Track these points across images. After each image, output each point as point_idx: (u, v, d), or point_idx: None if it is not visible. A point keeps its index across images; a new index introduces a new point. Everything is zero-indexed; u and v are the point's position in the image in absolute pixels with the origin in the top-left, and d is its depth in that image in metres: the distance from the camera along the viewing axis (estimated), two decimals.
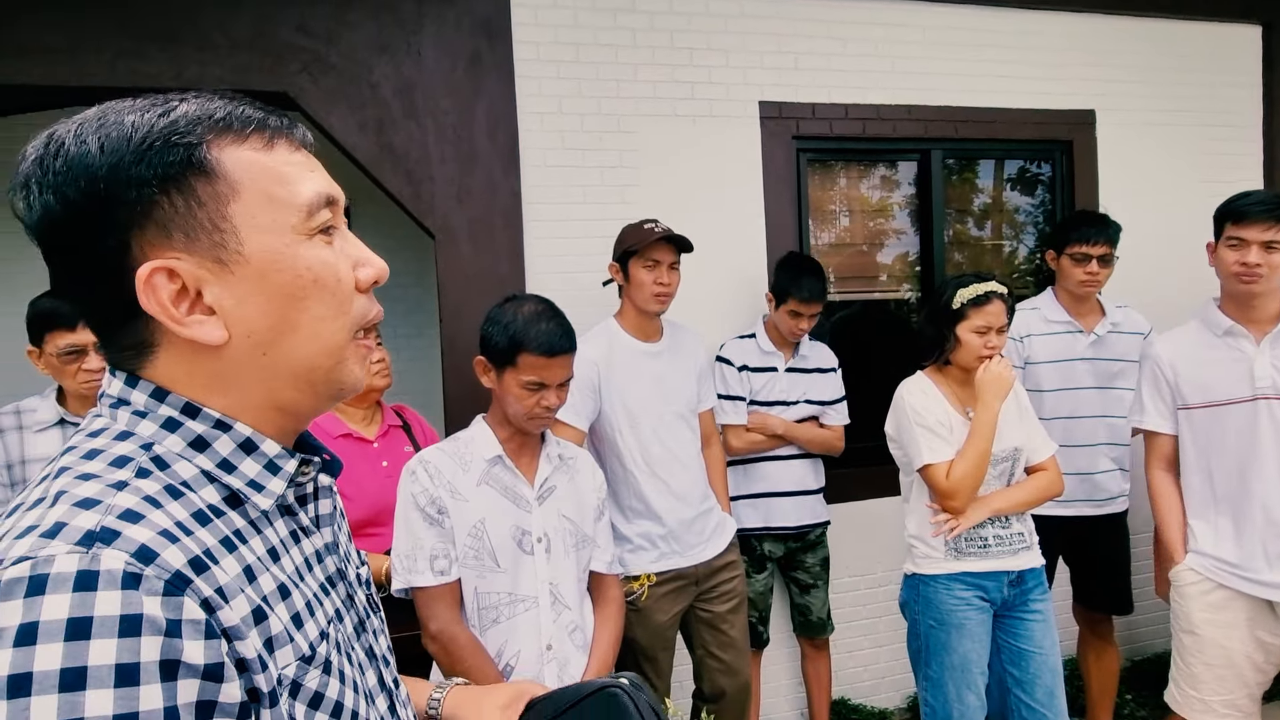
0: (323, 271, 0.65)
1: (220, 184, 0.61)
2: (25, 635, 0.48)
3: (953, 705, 2.13)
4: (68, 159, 0.58)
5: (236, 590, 0.58)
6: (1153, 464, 2.27)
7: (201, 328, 0.61)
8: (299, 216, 0.64)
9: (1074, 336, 2.76)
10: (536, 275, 2.74)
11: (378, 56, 2.56)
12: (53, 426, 1.99)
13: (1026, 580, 2.19)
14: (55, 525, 0.53)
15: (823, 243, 3.27)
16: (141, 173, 0.59)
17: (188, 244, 0.60)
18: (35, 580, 0.49)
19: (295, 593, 0.65)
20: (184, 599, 0.53)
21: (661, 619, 2.34)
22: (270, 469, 0.65)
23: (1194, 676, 2.13)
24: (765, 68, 3.00)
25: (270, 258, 0.62)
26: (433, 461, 1.71)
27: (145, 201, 0.59)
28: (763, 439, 2.71)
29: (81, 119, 0.61)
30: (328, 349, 0.66)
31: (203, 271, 0.60)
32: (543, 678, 1.70)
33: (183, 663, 0.51)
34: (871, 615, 3.19)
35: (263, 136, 0.64)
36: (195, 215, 0.60)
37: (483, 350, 1.74)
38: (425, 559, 1.66)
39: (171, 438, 0.62)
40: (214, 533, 0.60)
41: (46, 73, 2.29)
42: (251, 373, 0.64)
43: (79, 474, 0.57)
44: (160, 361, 0.63)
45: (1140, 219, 3.32)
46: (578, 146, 2.81)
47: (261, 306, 0.62)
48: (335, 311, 0.66)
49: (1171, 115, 3.48)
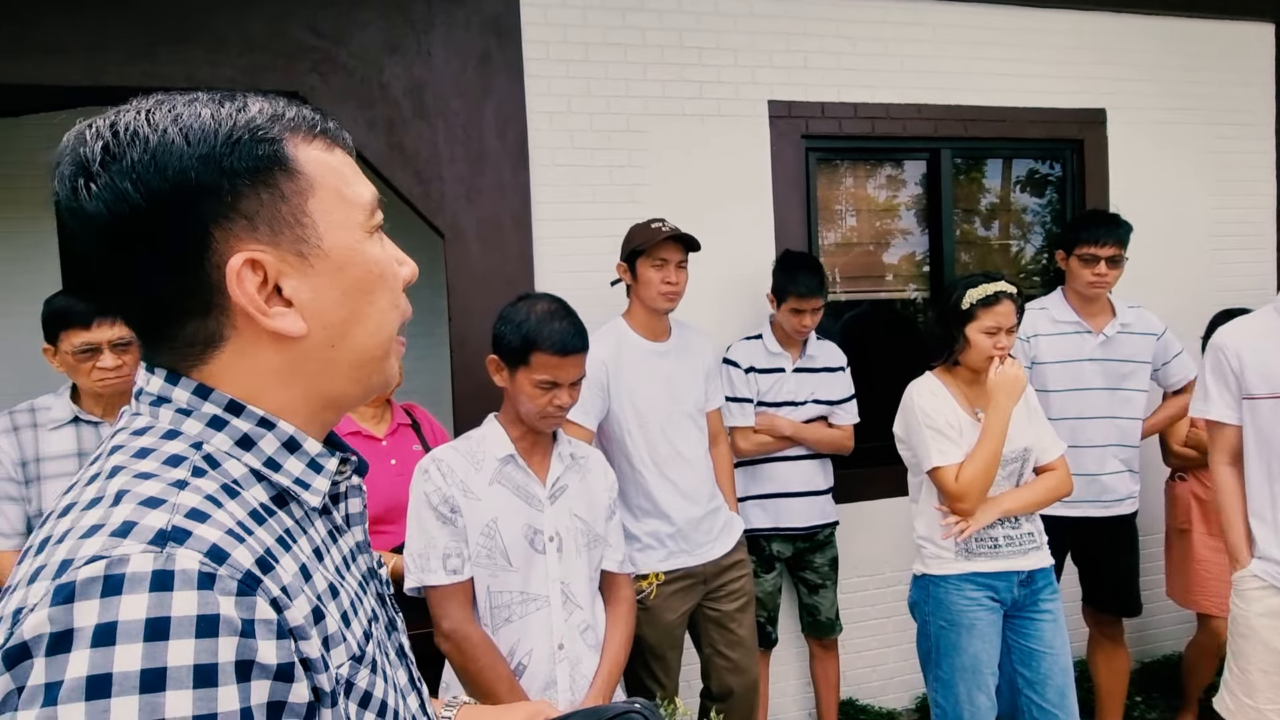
0: (385, 267, 0.68)
1: (301, 180, 0.62)
2: (103, 635, 0.47)
3: (963, 706, 2.12)
4: (149, 147, 0.57)
5: (298, 590, 0.59)
6: (1218, 458, 2.16)
7: (284, 319, 0.61)
8: (364, 215, 0.66)
9: (1082, 337, 2.74)
10: (545, 274, 2.74)
11: (388, 56, 2.57)
12: (67, 424, 2.00)
13: (1037, 580, 2.19)
14: (125, 524, 0.52)
15: (831, 242, 3.26)
16: (234, 164, 0.59)
17: (272, 237, 0.61)
18: (111, 580, 0.49)
19: (342, 592, 0.65)
20: (256, 599, 0.53)
21: (670, 618, 2.34)
22: (313, 467, 0.66)
23: (1250, 684, 2.05)
24: (774, 66, 3.00)
25: (346, 252, 0.64)
26: (445, 460, 1.71)
27: (236, 193, 0.59)
28: (771, 440, 2.70)
29: (145, 108, 0.60)
30: (383, 341, 0.68)
31: (284, 265, 0.61)
32: (554, 677, 1.70)
33: (256, 663, 0.52)
34: (880, 615, 3.18)
35: (326, 139, 0.66)
36: (279, 209, 0.61)
37: (495, 349, 1.74)
38: (438, 558, 1.66)
39: (219, 436, 0.62)
40: (270, 532, 0.60)
41: (59, 73, 2.31)
42: (317, 365, 0.65)
43: (136, 473, 0.57)
44: (224, 356, 0.62)
45: (1151, 218, 3.30)
46: (587, 146, 2.81)
47: (336, 299, 0.64)
48: (391, 305, 0.68)
49: (1182, 114, 3.46)
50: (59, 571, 0.50)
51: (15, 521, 1.97)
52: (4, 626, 0.50)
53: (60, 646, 0.47)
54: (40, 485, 1.97)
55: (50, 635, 0.47)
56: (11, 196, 3.96)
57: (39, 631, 0.47)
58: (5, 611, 0.51)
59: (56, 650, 0.47)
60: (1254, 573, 2.06)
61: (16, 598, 0.51)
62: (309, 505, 0.66)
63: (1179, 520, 2.97)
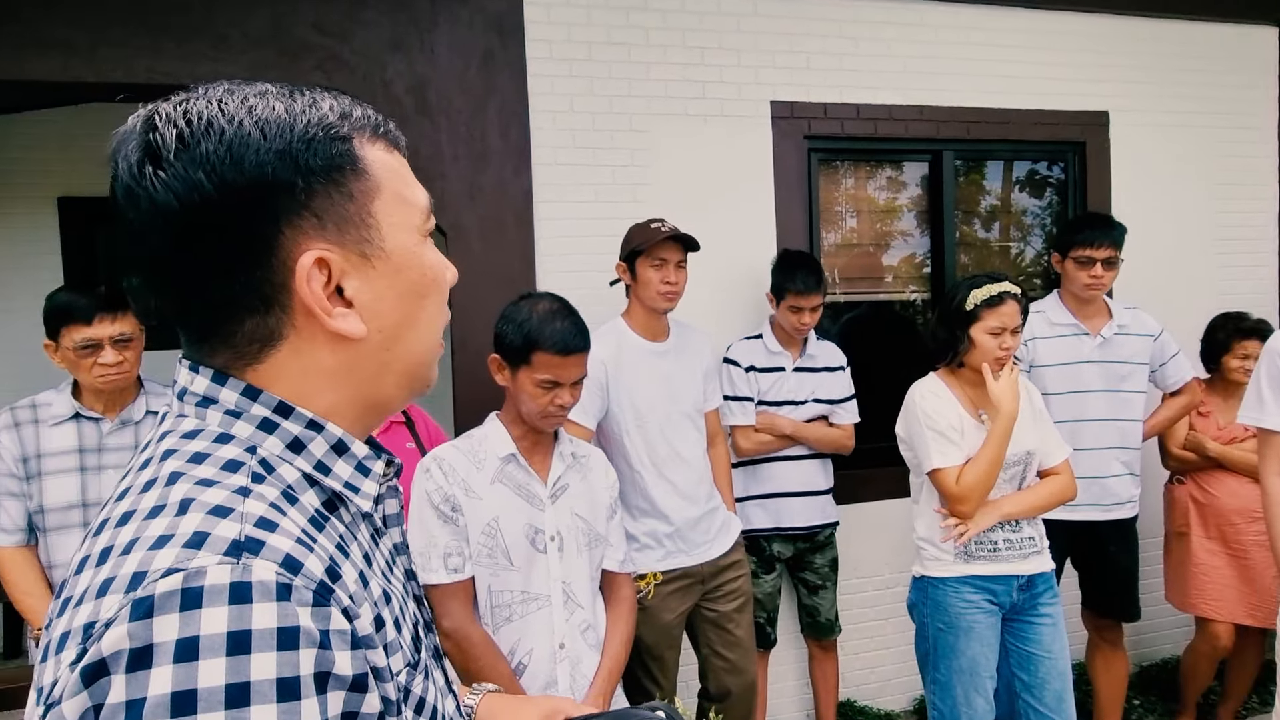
0: (438, 271, 0.68)
1: (368, 180, 0.62)
2: (186, 650, 0.46)
3: (960, 709, 2.12)
4: (224, 139, 0.56)
5: (361, 598, 0.58)
6: (1270, 467, 2.06)
7: (345, 320, 0.61)
8: (421, 218, 0.66)
9: (1079, 339, 2.74)
10: (547, 274, 2.74)
11: (391, 54, 2.56)
12: (67, 421, 2.00)
13: (1036, 584, 2.19)
14: (197, 534, 0.51)
15: (832, 243, 3.26)
16: (310, 161, 0.59)
17: (339, 236, 0.60)
18: (190, 593, 0.48)
19: (393, 597, 0.65)
20: (331, 609, 0.52)
21: (668, 618, 2.34)
22: (361, 470, 0.65)
23: None
24: (777, 67, 2.99)
25: (406, 255, 0.64)
26: (447, 459, 1.71)
27: (309, 191, 0.59)
28: (771, 440, 2.70)
29: (213, 97, 0.59)
30: (434, 344, 0.68)
31: (347, 265, 0.61)
32: (555, 676, 1.70)
33: (333, 674, 0.51)
34: (879, 617, 3.18)
35: (387, 141, 0.66)
36: (347, 209, 0.61)
37: (497, 348, 1.74)
38: (439, 557, 1.66)
39: (270, 439, 0.60)
40: (329, 539, 0.59)
41: (60, 69, 2.30)
42: (370, 368, 0.64)
43: (198, 479, 0.55)
44: (280, 356, 0.61)
45: (1153, 220, 3.30)
46: (589, 145, 2.81)
47: (394, 302, 0.63)
48: (440, 310, 0.69)
49: (1185, 117, 3.46)
50: (132, 584, 0.48)
51: (16, 517, 1.97)
52: (75, 641, 0.48)
53: (141, 663, 0.46)
54: (41, 481, 1.97)
55: (130, 651, 0.46)
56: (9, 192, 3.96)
57: (118, 648, 0.46)
58: (74, 625, 0.49)
59: (137, 667, 0.46)
60: None
61: (85, 611, 0.49)
62: (358, 509, 0.65)
63: (1177, 524, 2.97)
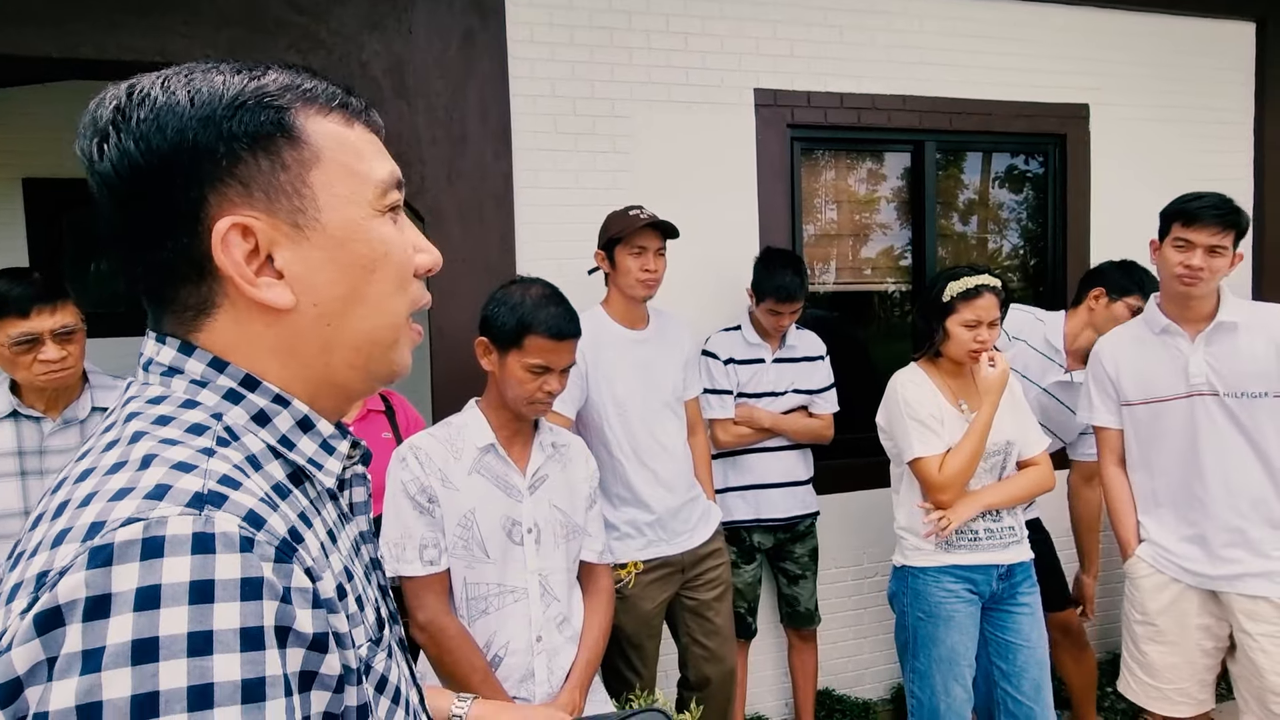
0: (393, 247, 0.66)
1: (304, 150, 0.61)
2: (147, 599, 0.46)
3: (939, 697, 2.13)
4: (154, 107, 0.58)
5: (324, 566, 0.58)
6: (1105, 459, 2.32)
7: (270, 290, 0.60)
8: (374, 192, 0.65)
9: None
10: (527, 260, 2.70)
11: (369, 34, 2.50)
12: (5, 419, 1.88)
13: (1015, 574, 2.20)
14: (160, 486, 0.51)
15: (814, 232, 3.25)
16: (233, 128, 0.59)
17: (267, 204, 0.60)
18: (151, 542, 0.47)
19: (356, 577, 0.65)
20: (293, 566, 0.52)
21: (648, 607, 2.33)
22: (325, 449, 0.65)
23: (1150, 665, 2.20)
24: (761, 54, 2.97)
25: (347, 228, 0.63)
26: (424, 448, 1.68)
27: (233, 157, 0.59)
28: (750, 432, 2.69)
29: (165, 74, 0.60)
30: (389, 324, 0.66)
31: (277, 234, 0.60)
32: (532, 669, 1.68)
33: (293, 630, 0.51)
34: (857, 607, 3.20)
35: (345, 113, 0.65)
36: (278, 177, 0.60)
37: (485, 331, 1.70)
38: (415, 548, 1.63)
39: (235, 409, 0.61)
40: (293, 507, 0.59)
41: (29, 44, 2.22)
42: (312, 344, 0.63)
43: (162, 438, 0.56)
44: (218, 325, 0.61)
45: (1132, 213, 3.32)
46: (570, 130, 2.77)
47: (332, 276, 0.62)
48: (398, 288, 0.66)
49: (1165, 110, 3.48)
50: (90, 533, 0.48)
51: None
52: (27, 591, 0.47)
53: (98, 611, 0.45)
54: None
55: (88, 599, 0.45)
56: None
57: (74, 596, 0.45)
58: (27, 576, 0.48)
59: (95, 615, 0.45)
60: (1141, 557, 2.22)
61: (39, 561, 0.48)
62: (322, 485, 0.65)
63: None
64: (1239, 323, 2.09)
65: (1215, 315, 2.11)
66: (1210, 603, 2.13)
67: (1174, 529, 2.16)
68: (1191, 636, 2.15)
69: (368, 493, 0.75)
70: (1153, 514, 2.22)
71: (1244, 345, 2.08)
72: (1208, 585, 2.11)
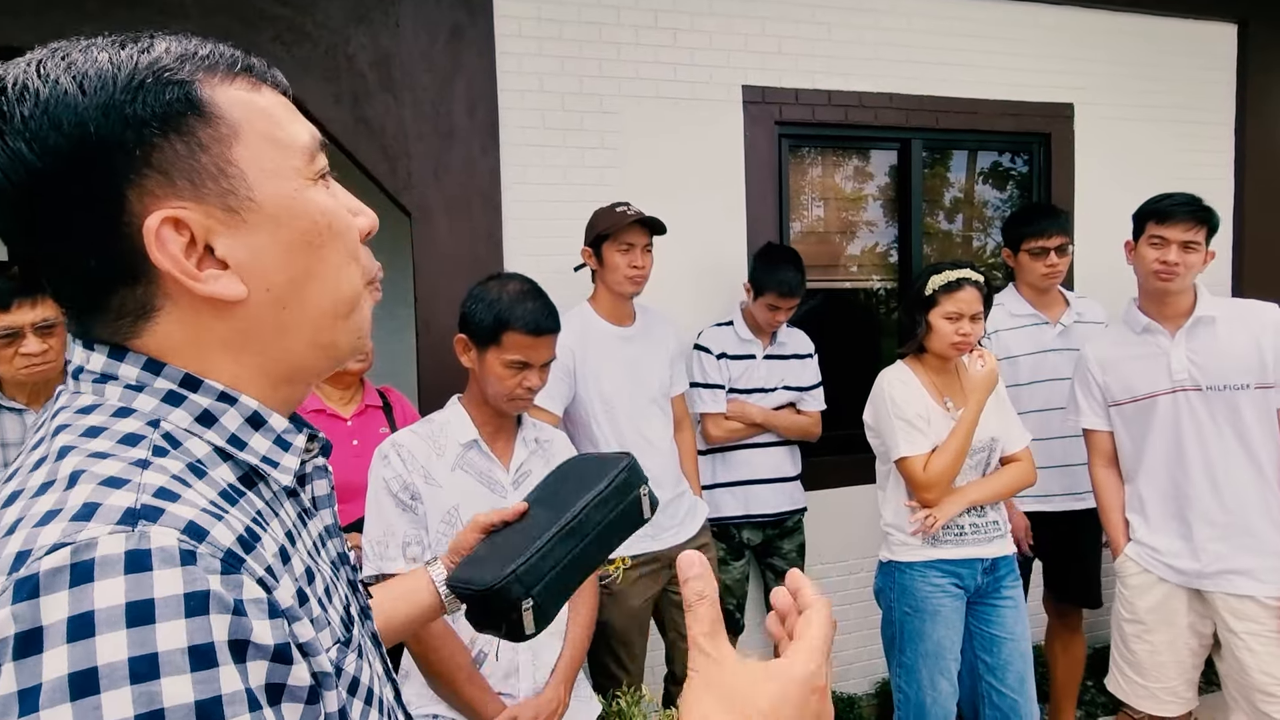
0: (334, 216, 0.61)
1: (220, 126, 0.56)
2: (80, 628, 0.42)
3: (925, 691, 2.15)
4: (39, 101, 0.51)
5: (281, 571, 0.54)
6: (1094, 461, 2.36)
7: (219, 283, 0.55)
8: (302, 160, 0.60)
9: (1040, 329, 2.78)
10: (514, 256, 2.69)
11: (354, 26, 2.48)
12: None
13: (999, 568, 2.22)
14: (87, 505, 0.47)
15: (802, 229, 3.26)
16: (138, 112, 0.52)
17: (194, 192, 0.54)
18: (79, 568, 0.43)
19: (318, 576, 0.61)
20: (242, 576, 0.48)
21: (636, 603, 2.33)
22: (280, 445, 0.60)
23: (1138, 664, 2.22)
24: (749, 51, 2.97)
25: (284, 203, 0.58)
26: (406, 445, 1.67)
27: (145, 145, 0.53)
28: (741, 427, 2.70)
29: (32, 59, 0.53)
30: (346, 297, 0.62)
31: (212, 221, 0.55)
32: (516, 665, 1.68)
33: (252, 643, 0.47)
34: (842, 603, 3.21)
35: (249, 77, 0.59)
36: (199, 160, 0.54)
37: (463, 328, 1.70)
38: (397, 545, 1.62)
39: (176, 412, 0.56)
40: (244, 513, 0.55)
41: (9, 34, 2.19)
42: (268, 332, 0.59)
43: (90, 452, 0.51)
44: (160, 327, 0.56)
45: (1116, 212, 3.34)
46: (558, 126, 2.76)
47: (279, 257, 0.58)
48: (348, 257, 0.62)
49: (1148, 110, 3.51)
50: (15, 565, 0.44)
51: None
52: None
53: (30, 647, 0.42)
54: None
55: (17, 636, 0.42)
56: None
57: (3, 634, 0.42)
58: None
59: (26, 652, 0.42)
60: (1130, 556, 2.24)
61: None
62: (278, 485, 0.61)
63: None
64: (1217, 317, 2.12)
65: (1193, 311, 2.14)
66: (1196, 601, 2.15)
67: (1161, 526, 2.18)
68: (1180, 636, 2.16)
69: (330, 485, 0.71)
70: (1141, 512, 2.24)
71: (1224, 339, 2.11)
72: (1194, 584, 2.13)
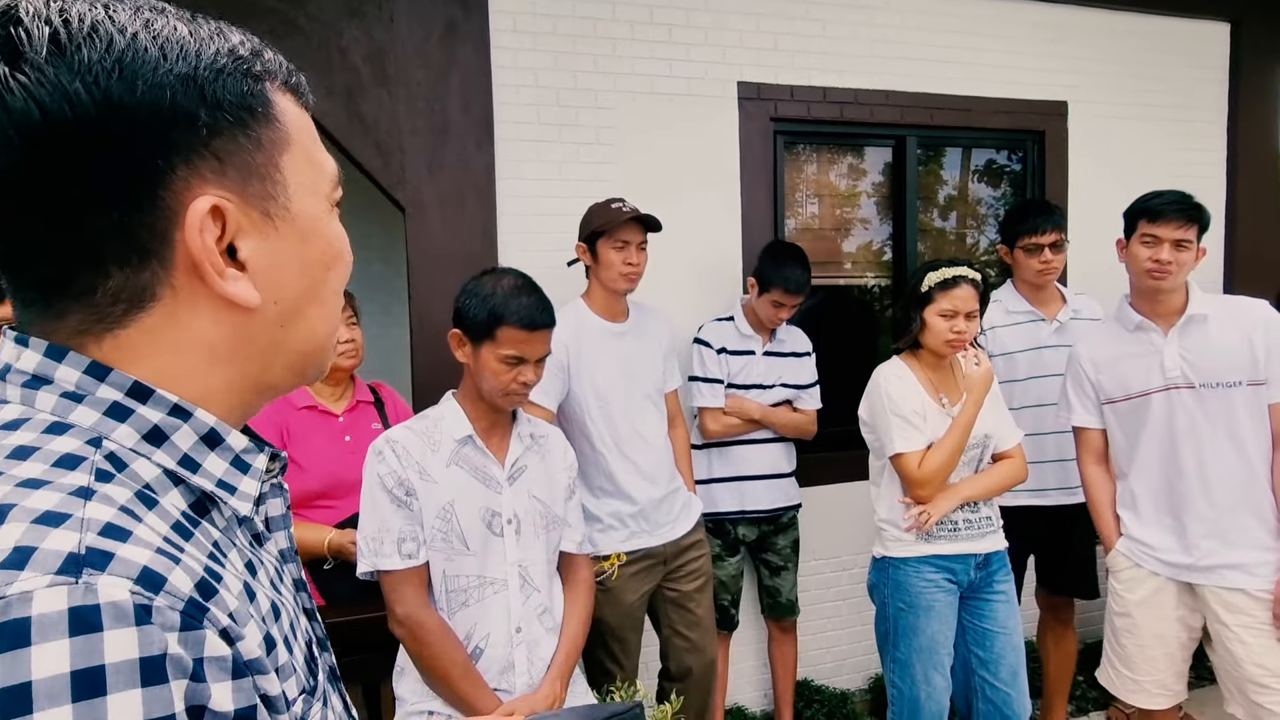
0: (344, 245, 0.61)
1: (279, 130, 0.54)
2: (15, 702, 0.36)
3: (919, 686, 2.16)
4: (113, 48, 0.47)
5: (246, 615, 0.48)
6: (1084, 458, 2.37)
7: (238, 284, 0.52)
8: (329, 184, 0.59)
9: (1037, 325, 2.79)
10: (508, 252, 2.69)
11: (348, 20, 2.47)
12: None
13: (992, 563, 2.23)
14: (19, 551, 0.40)
15: (797, 226, 3.26)
16: (219, 94, 0.50)
17: (241, 187, 0.52)
18: (11, 628, 0.37)
19: (283, 611, 0.56)
20: (205, 631, 0.43)
21: (630, 599, 2.33)
22: (238, 466, 0.55)
23: (1128, 658, 2.24)
24: (744, 47, 2.96)
25: (312, 221, 0.57)
26: (400, 441, 1.66)
27: (214, 128, 0.50)
28: (739, 423, 2.70)
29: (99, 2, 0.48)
30: (333, 325, 0.61)
31: (246, 222, 0.52)
32: (512, 660, 1.67)
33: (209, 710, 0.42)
34: (836, 598, 3.22)
35: (297, 94, 0.58)
36: (254, 158, 0.53)
37: (458, 323, 1.69)
38: (392, 542, 1.62)
39: (121, 428, 0.49)
40: (199, 548, 0.49)
41: None
42: (261, 346, 0.55)
43: (21, 480, 0.43)
44: (150, 321, 0.51)
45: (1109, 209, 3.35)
46: (553, 121, 2.75)
47: (295, 272, 0.56)
48: (340, 290, 0.62)
49: (1141, 109, 3.52)
50: None
51: None
52: None
53: None
54: None
55: None
56: None
57: None
58: None
59: None
60: (1121, 551, 2.26)
61: None
62: (236, 513, 0.55)
63: None
64: (1209, 314, 2.13)
65: (1185, 309, 2.15)
66: (1186, 595, 2.17)
67: (1153, 521, 2.20)
68: (1169, 629, 2.18)
69: (285, 505, 0.66)
70: (1133, 508, 2.25)
71: (1215, 336, 2.12)
72: (1184, 577, 2.15)
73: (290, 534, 0.66)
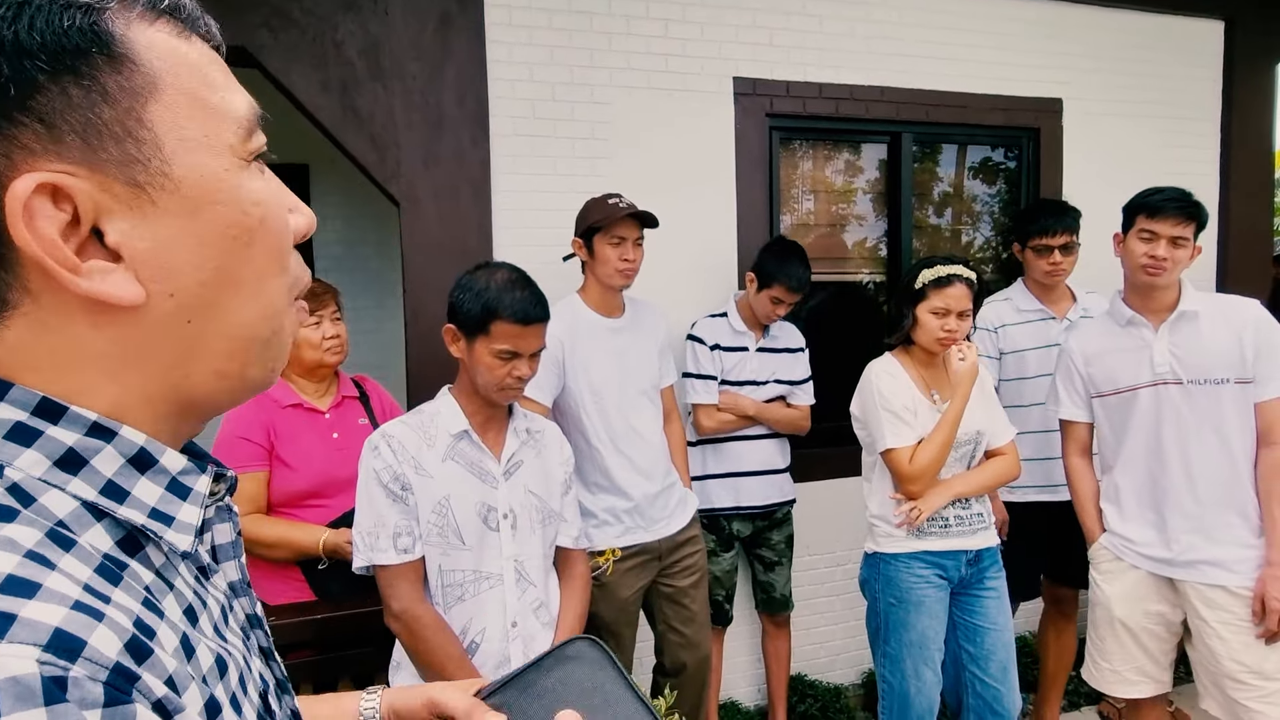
0: (269, 209, 0.48)
1: (135, 74, 0.42)
2: None
3: (910, 681, 2.17)
4: None
5: (185, 677, 0.40)
6: (1069, 450, 2.39)
7: (107, 280, 0.41)
8: (237, 134, 0.46)
9: (1047, 324, 2.81)
10: (503, 247, 2.69)
11: (343, 13, 2.46)
12: None
13: (983, 559, 2.24)
14: None
15: (792, 222, 3.26)
16: (23, 36, 0.38)
17: (87, 155, 0.40)
18: None
19: (230, 664, 0.47)
20: (134, 707, 0.35)
21: (625, 594, 2.34)
22: (175, 491, 0.45)
23: (1105, 650, 2.28)
24: (740, 42, 2.96)
25: (208, 184, 0.44)
26: (396, 436, 1.66)
27: (25, 82, 0.39)
28: (733, 419, 2.71)
29: None
30: (268, 313, 0.49)
31: (107, 197, 0.41)
32: (508, 655, 1.68)
33: None
34: (829, 594, 3.23)
35: (176, 21, 0.45)
36: (99, 114, 0.41)
37: (452, 318, 1.69)
38: (388, 537, 1.62)
39: (27, 454, 0.40)
40: (130, 595, 0.40)
41: None
42: (165, 350, 0.45)
43: None
44: (13, 334, 0.42)
45: (1104, 207, 3.37)
46: (548, 116, 2.75)
47: (191, 253, 0.44)
48: (278, 265, 0.49)
49: (1136, 106, 3.54)
50: None
51: None
52: None
53: None
54: None
55: None
56: None
57: None
58: None
59: None
60: (1104, 545, 2.29)
61: None
62: (174, 548, 0.46)
63: None
64: (1200, 312, 2.15)
65: (1177, 305, 2.17)
66: (1166, 589, 2.19)
67: (1136, 516, 2.22)
68: (1149, 622, 2.21)
69: (235, 530, 0.55)
70: (1116, 502, 2.27)
71: (1206, 333, 2.13)
72: (1165, 572, 2.17)
73: (242, 564, 0.56)
